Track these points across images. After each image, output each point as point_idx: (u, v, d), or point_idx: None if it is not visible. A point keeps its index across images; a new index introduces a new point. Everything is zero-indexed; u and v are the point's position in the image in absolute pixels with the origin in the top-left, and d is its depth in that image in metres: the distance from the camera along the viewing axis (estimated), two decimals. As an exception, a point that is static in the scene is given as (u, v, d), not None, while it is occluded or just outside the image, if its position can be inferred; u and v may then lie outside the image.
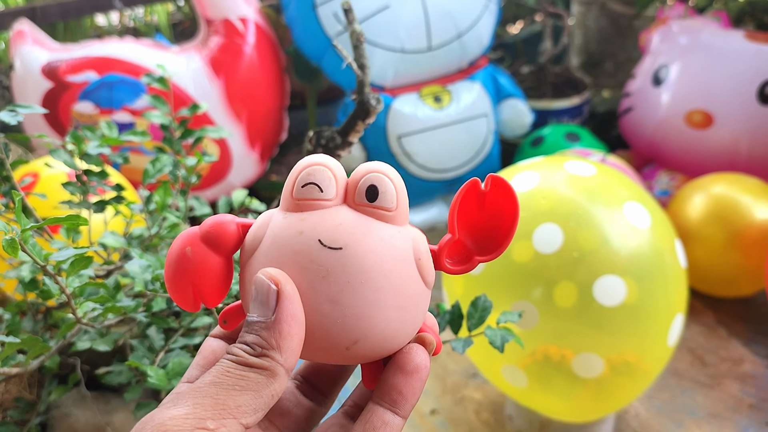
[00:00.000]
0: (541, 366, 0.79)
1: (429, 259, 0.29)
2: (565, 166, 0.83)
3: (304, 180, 0.28)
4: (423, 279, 0.28)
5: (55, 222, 0.39)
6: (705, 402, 0.97)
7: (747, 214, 1.08)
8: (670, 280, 0.79)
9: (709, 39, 1.29)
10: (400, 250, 0.28)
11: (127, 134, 0.70)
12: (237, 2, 1.30)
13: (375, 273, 0.27)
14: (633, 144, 1.41)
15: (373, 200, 0.28)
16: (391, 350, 0.29)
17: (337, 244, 0.26)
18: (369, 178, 0.28)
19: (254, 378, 0.25)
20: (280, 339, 0.26)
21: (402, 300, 0.27)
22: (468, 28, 1.32)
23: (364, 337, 0.27)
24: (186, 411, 0.24)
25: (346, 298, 0.26)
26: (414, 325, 0.29)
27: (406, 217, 0.29)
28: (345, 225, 0.27)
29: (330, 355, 0.28)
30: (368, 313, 0.27)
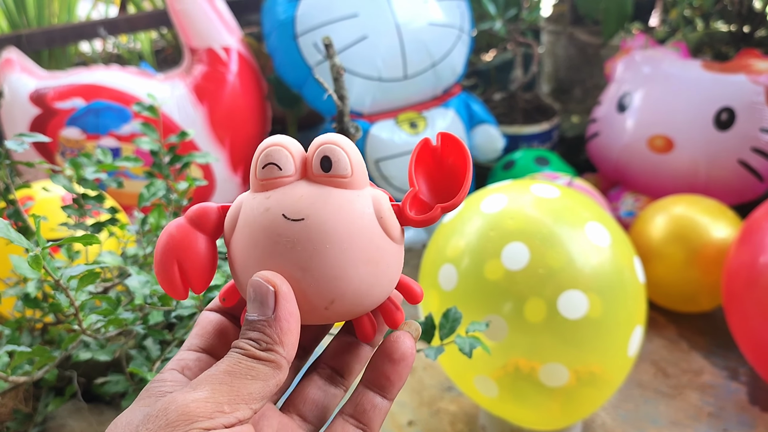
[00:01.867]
0: (512, 377, 0.84)
1: (392, 215, 0.30)
2: (531, 189, 0.89)
3: (263, 161, 0.30)
4: (388, 234, 0.30)
5: (72, 241, 0.44)
6: (667, 411, 1.02)
7: (705, 234, 1.15)
8: (630, 295, 0.84)
9: (669, 68, 1.37)
10: (359, 211, 0.29)
11: (120, 160, 0.75)
12: (220, 32, 1.36)
13: (338, 236, 0.29)
14: (600, 167, 1.48)
15: (328, 170, 0.29)
16: (372, 304, 0.31)
17: (299, 216, 0.29)
18: (322, 149, 0.30)
19: (263, 369, 0.28)
20: (282, 335, 0.28)
21: (369, 255, 0.29)
22: (442, 58, 1.38)
23: (340, 295, 0.29)
24: (206, 395, 0.26)
25: (315, 264, 0.28)
26: (389, 279, 0.31)
27: (364, 180, 0.30)
28: (305, 197, 0.29)
29: (313, 316, 0.30)
30: (339, 274, 0.29)
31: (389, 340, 0.31)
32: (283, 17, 1.32)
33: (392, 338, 0.31)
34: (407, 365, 0.31)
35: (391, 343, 0.31)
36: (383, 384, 0.31)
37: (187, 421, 0.25)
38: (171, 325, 0.67)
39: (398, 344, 0.31)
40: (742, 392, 1.05)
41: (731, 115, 1.26)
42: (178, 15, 1.34)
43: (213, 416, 0.26)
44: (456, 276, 0.84)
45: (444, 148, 0.31)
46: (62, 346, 0.60)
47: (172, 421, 0.25)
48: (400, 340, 0.31)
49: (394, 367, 0.31)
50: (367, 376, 0.32)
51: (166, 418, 0.26)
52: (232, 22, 1.39)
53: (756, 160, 1.25)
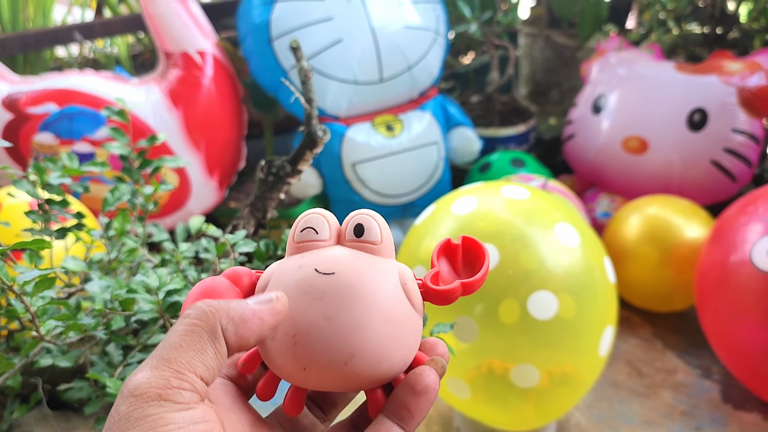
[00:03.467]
0: (484, 378, 0.84)
1: (414, 285, 0.33)
2: (501, 191, 0.89)
3: (302, 226, 0.33)
4: (411, 302, 0.32)
5: (22, 246, 0.43)
6: (641, 410, 1.03)
7: (678, 234, 1.16)
8: (600, 295, 0.85)
9: (644, 70, 1.38)
10: (385, 274, 0.32)
11: (87, 165, 0.74)
12: (195, 36, 1.35)
13: (364, 292, 0.31)
14: (576, 169, 1.48)
15: (360, 236, 0.33)
16: (389, 371, 0.31)
17: (330, 270, 0.31)
18: (356, 219, 0.33)
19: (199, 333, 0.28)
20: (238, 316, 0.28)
21: (390, 316, 0.31)
22: (417, 61, 1.39)
23: (361, 350, 0.30)
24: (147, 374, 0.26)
25: (340, 314, 0.30)
26: (407, 346, 0.32)
27: (391, 252, 0.33)
28: (337, 256, 0.32)
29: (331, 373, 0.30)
30: (361, 327, 0.30)
31: (414, 372, 0.31)
32: (258, 21, 1.32)
33: (417, 371, 0.31)
34: (429, 399, 0.31)
35: (416, 376, 0.31)
36: (403, 415, 0.31)
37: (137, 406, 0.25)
38: (135, 330, 0.66)
39: (423, 377, 0.31)
40: (715, 390, 1.06)
41: (704, 116, 1.27)
42: (153, 19, 1.33)
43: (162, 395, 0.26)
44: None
45: (464, 244, 0.34)
46: (23, 353, 0.59)
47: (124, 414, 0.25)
48: (425, 374, 0.31)
49: (416, 399, 0.31)
50: (389, 406, 0.31)
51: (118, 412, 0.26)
52: (208, 27, 1.39)
53: (728, 160, 1.26)
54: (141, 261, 0.73)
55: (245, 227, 0.82)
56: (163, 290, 0.55)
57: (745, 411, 1.01)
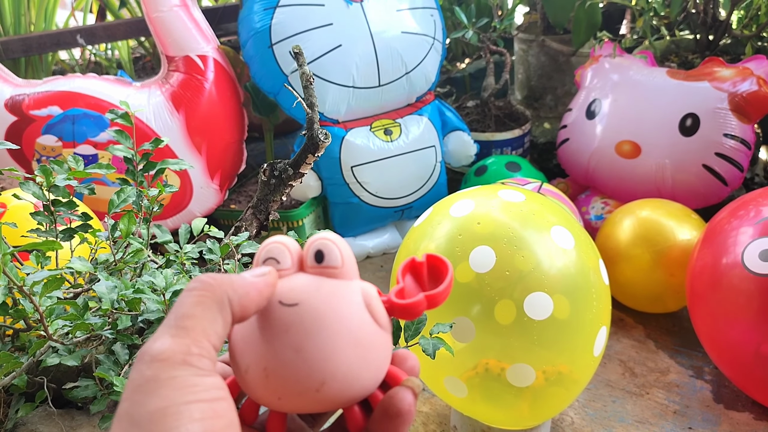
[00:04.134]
0: (481, 378, 0.86)
1: (379, 303, 0.33)
2: (498, 194, 0.91)
3: (264, 257, 0.33)
4: (376, 321, 0.33)
5: (33, 246, 0.45)
6: (634, 409, 1.05)
7: (671, 236, 1.17)
8: (595, 296, 0.86)
9: (637, 76, 1.40)
10: (348, 298, 0.32)
11: (92, 167, 0.76)
12: (197, 40, 1.37)
13: (329, 320, 0.31)
14: (570, 172, 1.51)
15: (321, 262, 0.33)
16: (361, 391, 0.32)
17: (293, 301, 0.31)
18: (316, 245, 0.33)
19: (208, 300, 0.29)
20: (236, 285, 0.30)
21: (358, 339, 0.31)
22: (415, 66, 1.41)
23: (331, 377, 0.31)
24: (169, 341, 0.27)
25: (307, 345, 0.30)
26: (377, 366, 0.33)
27: (353, 273, 0.34)
28: (299, 285, 0.32)
29: (304, 400, 0.31)
30: (329, 356, 0.30)
31: (389, 395, 0.32)
32: (258, 26, 1.34)
33: (393, 394, 0.32)
34: (405, 422, 0.32)
35: (392, 399, 0.32)
36: None
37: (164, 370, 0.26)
38: (141, 330, 0.68)
39: (397, 400, 0.32)
40: (706, 390, 1.08)
41: (696, 121, 1.29)
42: (155, 23, 1.35)
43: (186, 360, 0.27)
44: (424, 279, 0.86)
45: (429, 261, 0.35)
46: (30, 352, 0.61)
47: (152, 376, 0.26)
48: (399, 396, 0.32)
49: (393, 422, 0.32)
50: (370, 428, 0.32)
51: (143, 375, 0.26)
52: (209, 31, 1.41)
53: (720, 164, 1.28)
54: (146, 262, 0.74)
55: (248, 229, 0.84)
56: (170, 291, 0.57)
57: (737, 411, 1.03)
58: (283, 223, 1.42)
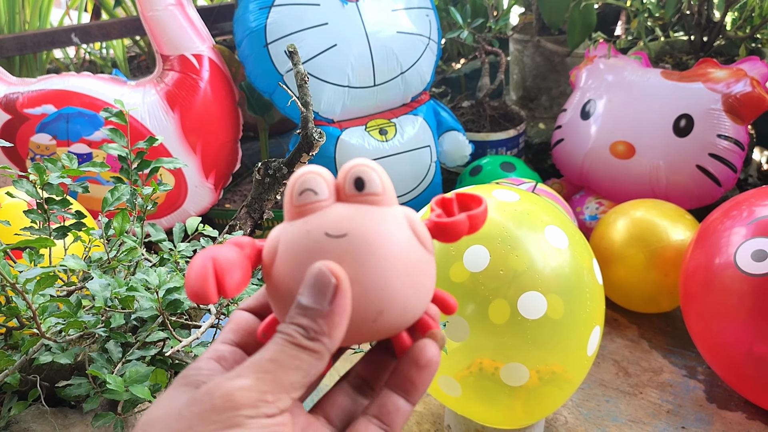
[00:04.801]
0: (475, 377, 0.86)
1: (424, 228, 0.32)
2: (493, 194, 0.91)
3: (300, 189, 0.31)
4: (422, 244, 0.32)
5: (25, 244, 0.45)
6: (627, 409, 1.05)
7: (664, 237, 1.18)
8: (588, 296, 0.87)
9: (631, 77, 1.40)
10: (395, 223, 0.31)
11: (86, 165, 0.76)
12: (192, 39, 1.37)
13: (380, 248, 0.30)
14: (565, 173, 1.51)
15: (361, 189, 0.31)
16: (414, 316, 0.32)
17: (341, 232, 0.30)
18: (354, 171, 0.31)
19: (306, 359, 0.28)
20: (332, 328, 0.28)
21: (411, 266, 0.31)
22: (410, 66, 1.41)
23: (388, 305, 0.30)
24: (250, 383, 0.27)
25: (363, 276, 0.29)
26: (427, 289, 0.32)
27: (393, 198, 0.32)
28: (343, 215, 0.30)
29: (362, 329, 0.30)
30: (385, 284, 0.30)
31: (417, 346, 0.32)
32: (254, 25, 1.34)
33: (420, 345, 0.32)
34: (432, 372, 0.32)
35: (419, 350, 0.32)
36: (408, 388, 0.32)
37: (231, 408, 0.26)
38: (134, 328, 0.68)
39: (425, 351, 0.32)
40: (699, 390, 1.08)
41: (689, 121, 1.29)
42: (150, 22, 1.35)
43: (257, 405, 0.27)
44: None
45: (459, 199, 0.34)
46: (23, 350, 0.60)
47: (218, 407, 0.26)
48: (427, 348, 0.32)
49: (420, 372, 0.32)
50: (393, 380, 0.32)
51: (211, 403, 0.27)
52: (204, 30, 1.41)
53: (713, 165, 1.29)
54: (139, 260, 0.74)
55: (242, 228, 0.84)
56: (163, 288, 0.57)
57: (729, 410, 1.04)
58: (278, 222, 1.42)
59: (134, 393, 0.56)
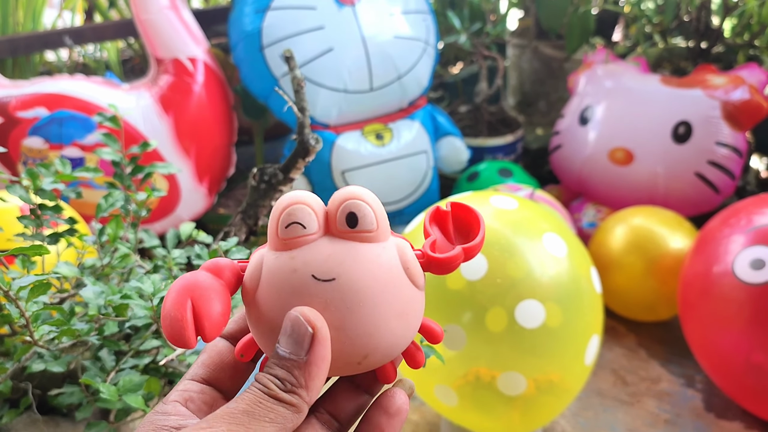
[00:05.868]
0: (472, 386, 0.85)
1: (416, 263, 0.31)
2: (490, 201, 0.90)
3: (286, 221, 0.29)
4: (414, 283, 0.30)
5: (21, 251, 0.44)
6: (625, 418, 1.04)
7: (663, 244, 1.17)
8: (587, 304, 0.86)
9: (630, 83, 1.40)
10: (387, 265, 0.29)
11: (80, 170, 0.74)
12: (186, 43, 1.36)
13: (370, 293, 0.28)
14: (562, 179, 1.50)
15: (354, 226, 0.29)
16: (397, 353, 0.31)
17: (329, 276, 0.28)
18: (346, 206, 0.29)
19: (282, 412, 0.27)
20: (309, 379, 0.28)
21: (400, 309, 0.29)
22: (407, 71, 1.40)
23: (374, 350, 0.29)
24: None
25: (349, 323, 0.28)
26: (414, 327, 0.31)
27: (387, 232, 0.30)
28: (333, 256, 0.29)
29: (345, 371, 0.30)
30: (372, 331, 0.29)
31: (385, 395, 0.32)
32: (249, 29, 1.33)
33: (388, 393, 0.32)
34: (401, 420, 0.32)
35: (388, 398, 0.31)
36: None
37: None
38: (127, 335, 0.67)
39: (394, 399, 0.31)
40: (697, 399, 1.08)
41: (688, 128, 1.29)
42: (144, 25, 1.33)
43: None
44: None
45: (454, 211, 0.33)
46: (15, 357, 0.59)
47: None
48: (396, 396, 0.32)
49: (390, 420, 0.31)
50: (362, 428, 0.32)
51: None
52: (199, 33, 1.40)
53: (712, 172, 1.28)
54: (133, 267, 0.73)
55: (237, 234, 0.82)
56: (158, 296, 0.56)
57: (727, 420, 1.03)
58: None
59: (128, 402, 0.55)
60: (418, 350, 0.33)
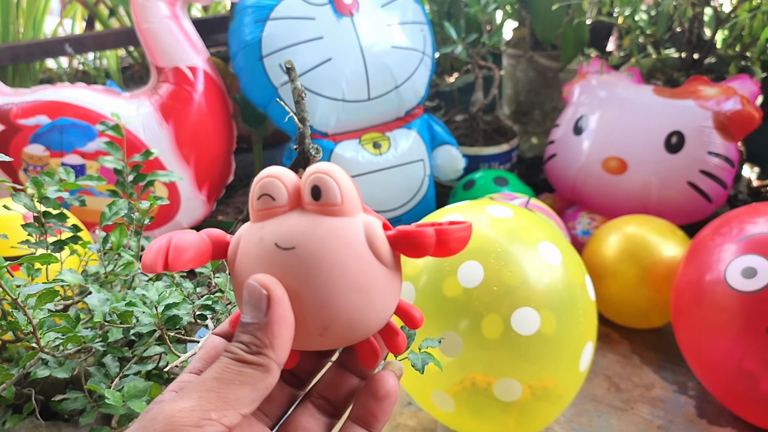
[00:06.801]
0: (468, 392, 0.86)
1: (384, 241, 0.31)
2: (486, 210, 0.92)
3: (258, 192, 0.31)
4: (380, 259, 0.31)
5: (29, 260, 0.45)
6: (619, 424, 1.05)
7: (656, 253, 1.19)
8: (581, 312, 0.87)
9: (623, 93, 1.42)
10: (348, 238, 0.30)
11: (83, 179, 0.76)
12: (187, 52, 1.37)
13: (326, 264, 0.29)
14: (557, 188, 1.52)
15: (318, 199, 0.30)
16: (368, 331, 0.31)
17: (289, 245, 0.30)
18: (312, 179, 0.31)
19: (251, 373, 0.28)
20: (273, 338, 0.28)
21: (360, 283, 0.30)
22: (404, 81, 1.42)
23: (334, 321, 0.30)
24: (192, 404, 0.27)
25: (306, 290, 0.29)
26: (383, 305, 0.31)
27: (355, 207, 0.31)
28: (296, 226, 0.30)
29: (309, 342, 0.31)
30: (329, 301, 0.29)
31: (373, 378, 0.32)
32: (249, 38, 1.35)
33: (376, 377, 0.33)
34: (391, 402, 0.32)
35: (376, 382, 0.32)
36: (369, 420, 0.32)
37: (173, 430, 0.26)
38: (131, 342, 0.68)
39: (382, 383, 0.32)
40: (690, 406, 1.09)
41: (681, 138, 1.31)
42: (145, 34, 1.35)
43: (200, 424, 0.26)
44: (414, 293, 0.87)
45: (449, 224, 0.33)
46: (20, 364, 0.60)
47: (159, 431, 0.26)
48: (384, 379, 0.32)
49: (379, 404, 0.32)
50: (354, 412, 0.33)
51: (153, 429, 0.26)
52: (199, 42, 1.41)
53: (704, 182, 1.30)
54: (135, 274, 0.74)
55: (237, 242, 0.84)
56: (162, 304, 0.57)
57: (720, 426, 1.05)
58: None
59: (132, 407, 0.56)
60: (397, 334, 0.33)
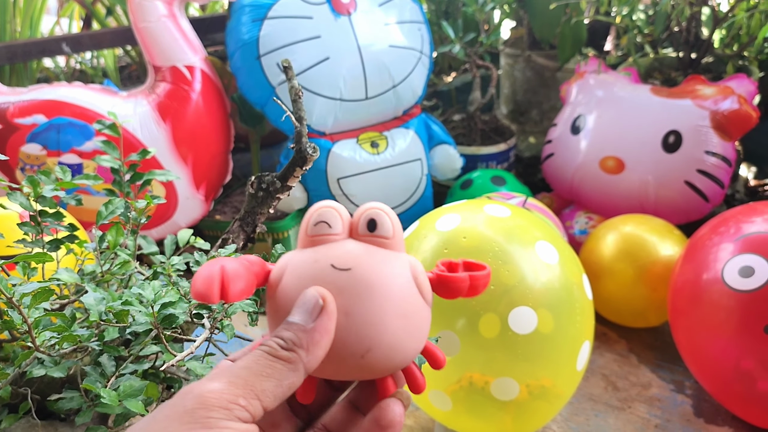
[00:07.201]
0: (465, 391, 0.86)
1: (425, 279, 0.34)
2: (484, 209, 0.92)
3: (315, 220, 0.34)
4: (421, 294, 0.34)
5: (24, 258, 0.45)
6: (616, 423, 1.06)
7: (653, 252, 1.19)
8: (578, 311, 0.88)
9: (621, 92, 1.42)
10: (398, 269, 0.33)
11: (80, 178, 0.76)
12: (184, 51, 1.37)
13: (379, 287, 0.32)
14: (554, 187, 1.52)
15: (373, 230, 0.33)
16: (402, 362, 0.33)
17: (346, 266, 0.32)
18: (369, 213, 0.34)
19: (279, 368, 0.29)
20: (311, 344, 0.30)
21: (404, 310, 0.32)
22: (402, 80, 1.42)
23: (377, 344, 0.31)
24: (222, 387, 0.28)
25: (357, 309, 0.31)
26: (418, 338, 0.33)
27: (402, 245, 0.35)
28: (351, 251, 0.33)
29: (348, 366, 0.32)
30: (377, 321, 0.31)
31: (380, 407, 0.33)
32: (246, 37, 1.34)
33: (382, 405, 0.33)
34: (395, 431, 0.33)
35: (382, 411, 0.33)
36: None
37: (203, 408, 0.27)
38: (127, 341, 0.68)
39: (388, 411, 0.33)
40: (687, 405, 1.09)
41: (678, 138, 1.31)
42: (142, 33, 1.35)
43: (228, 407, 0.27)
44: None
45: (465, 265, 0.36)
46: (16, 363, 0.60)
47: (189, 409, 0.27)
48: (390, 408, 0.33)
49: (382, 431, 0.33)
50: None
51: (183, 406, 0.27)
52: (196, 41, 1.41)
53: (701, 181, 1.30)
54: (132, 273, 0.74)
55: (235, 241, 0.84)
56: (159, 303, 0.57)
57: (716, 425, 1.05)
58: (269, 235, 1.42)
59: (128, 407, 0.56)
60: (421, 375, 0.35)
